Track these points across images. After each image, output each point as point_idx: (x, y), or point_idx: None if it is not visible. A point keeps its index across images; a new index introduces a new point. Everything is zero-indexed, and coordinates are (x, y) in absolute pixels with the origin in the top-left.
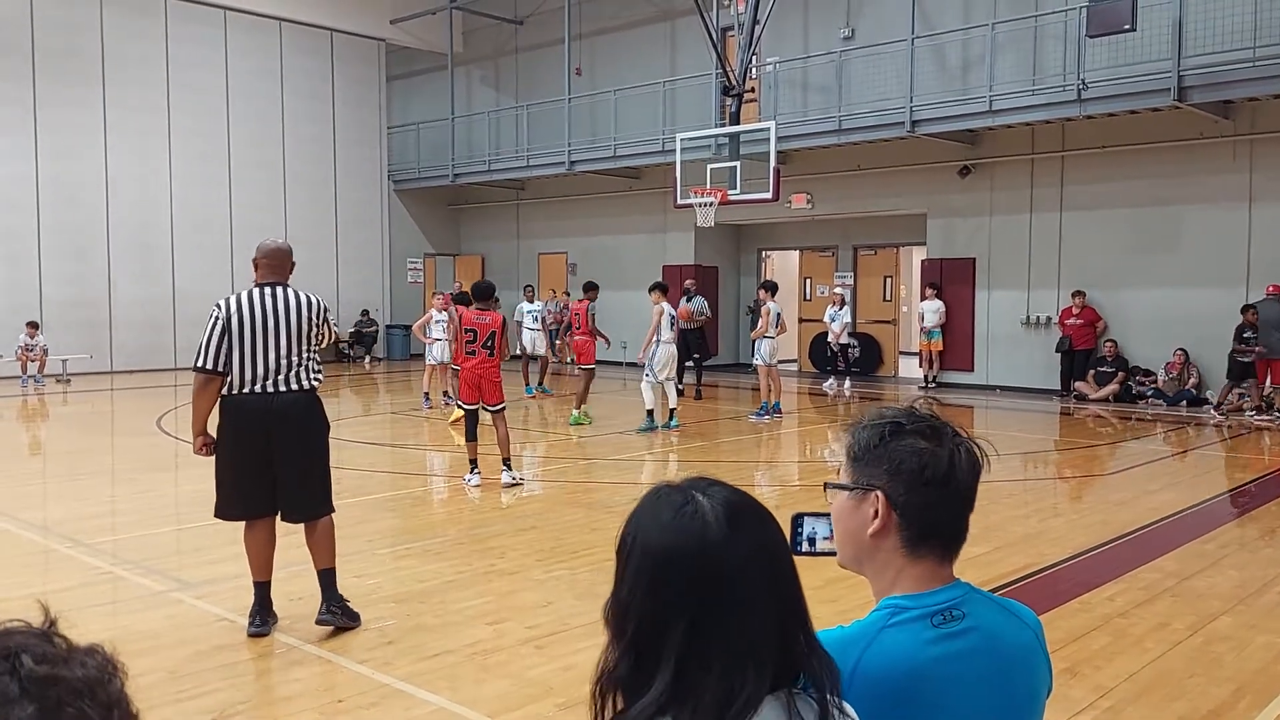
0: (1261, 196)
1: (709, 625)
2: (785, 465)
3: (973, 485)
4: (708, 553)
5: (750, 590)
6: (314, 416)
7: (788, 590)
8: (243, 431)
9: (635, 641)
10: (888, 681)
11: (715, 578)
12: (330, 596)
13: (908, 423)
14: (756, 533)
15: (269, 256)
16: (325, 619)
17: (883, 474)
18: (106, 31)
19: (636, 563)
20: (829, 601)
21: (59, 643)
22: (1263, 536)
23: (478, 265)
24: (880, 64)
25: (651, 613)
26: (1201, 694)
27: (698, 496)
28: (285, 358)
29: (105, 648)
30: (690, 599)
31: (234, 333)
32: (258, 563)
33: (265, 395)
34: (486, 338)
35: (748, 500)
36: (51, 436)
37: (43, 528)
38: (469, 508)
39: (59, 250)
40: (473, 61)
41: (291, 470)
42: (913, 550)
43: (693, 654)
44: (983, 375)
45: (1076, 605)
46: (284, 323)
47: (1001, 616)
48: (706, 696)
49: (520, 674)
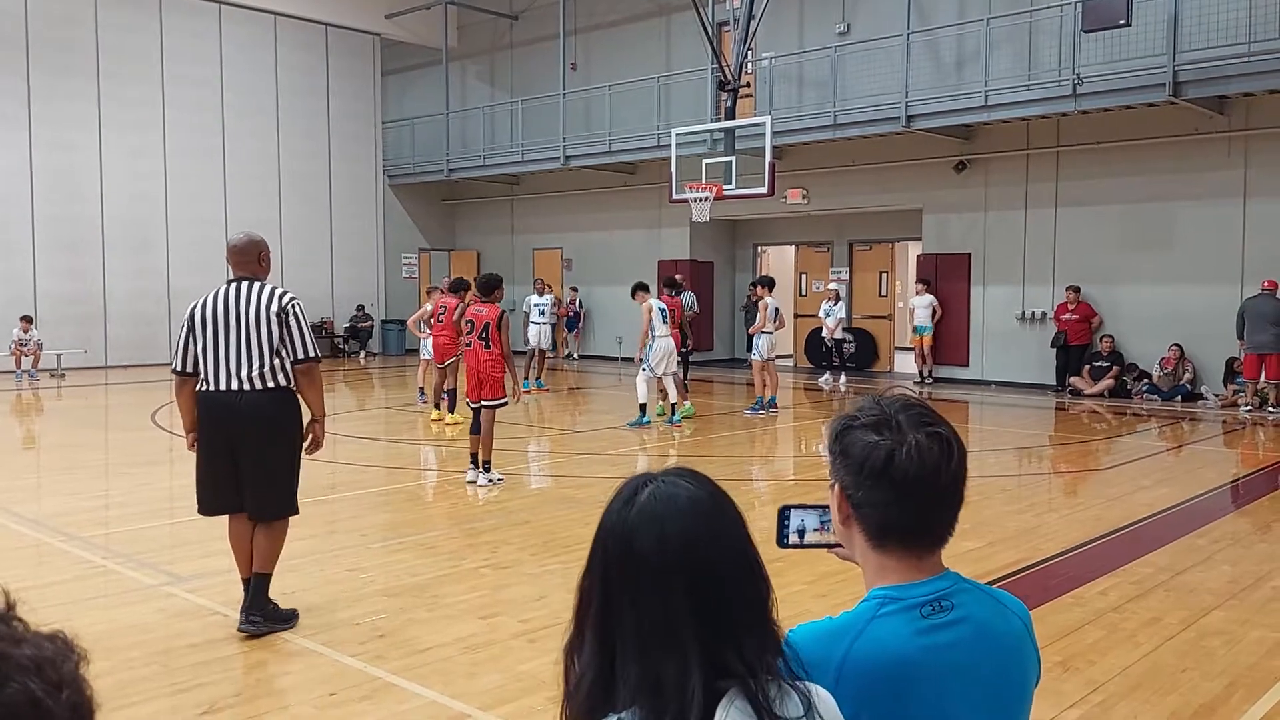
0: (1256, 192)
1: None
2: (780, 460)
3: (932, 477)
4: (623, 533)
5: (659, 576)
6: (281, 416)
7: (741, 578)
8: (209, 429)
9: (576, 610)
10: (877, 672)
11: (626, 558)
12: (254, 603)
13: (863, 415)
14: (681, 521)
15: (233, 252)
16: (245, 628)
17: (840, 467)
18: (101, 25)
19: (597, 545)
20: (820, 596)
21: (16, 626)
22: (1256, 531)
23: (473, 260)
24: (875, 59)
25: (584, 585)
26: (1194, 688)
27: (660, 482)
28: (246, 354)
29: (66, 633)
30: (607, 576)
31: (197, 330)
32: (238, 559)
33: (230, 393)
34: (481, 329)
35: (696, 492)
36: (45, 431)
37: (35, 521)
38: (462, 502)
39: (53, 244)
40: (467, 56)
41: (253, 469)
42: (877, 543)
43: (610, 631)
44: (978, 370)
45: (1069, 600)
46: (243, 319)
47: (990, 607)
48: (632, 678)
49: (512, 667)
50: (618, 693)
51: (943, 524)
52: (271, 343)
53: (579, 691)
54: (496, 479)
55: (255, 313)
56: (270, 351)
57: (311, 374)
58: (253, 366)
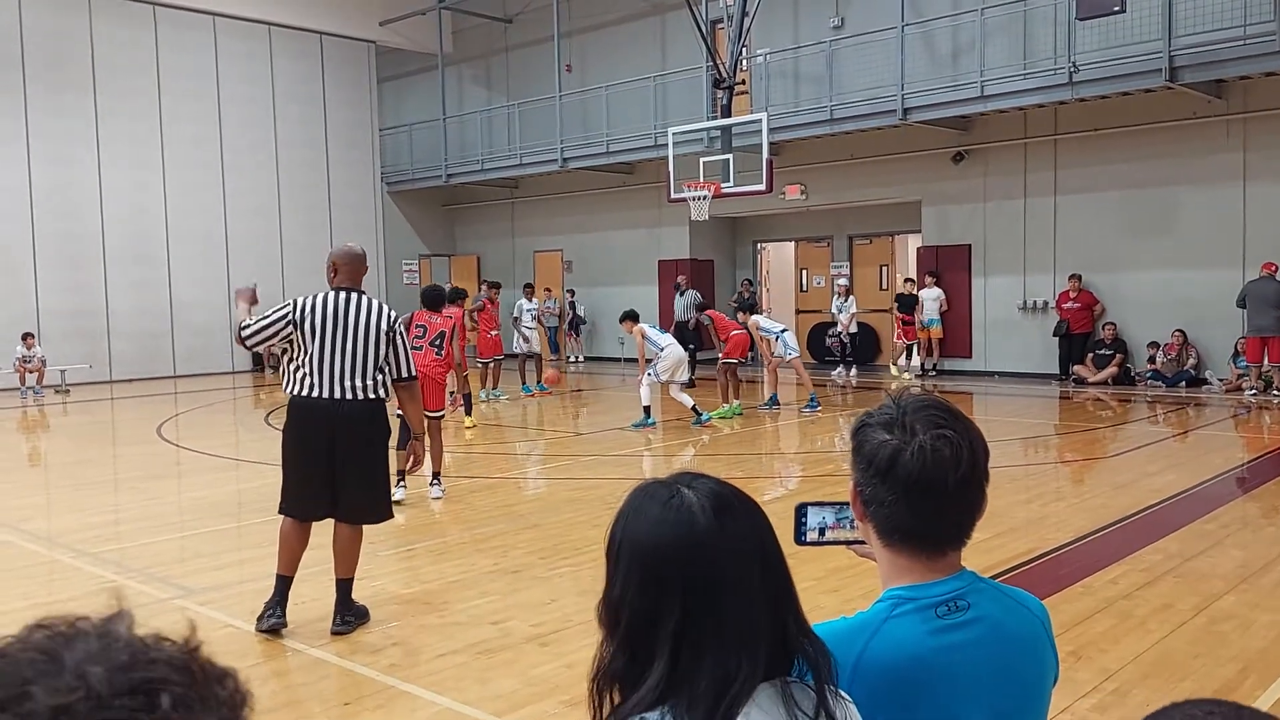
0: (1256, 175)
1: (700, 615)
2: (792, 457)
3: (939, 479)
4: (696, 543)
5: (740, 578)
6: (380, 423)
7: (777, 578)
8: (309, 431)
9: (629, 637)
10: (892, 672)
11: (705, 568)
12: (345, 606)
13: (877, 413)
14: (744, 522)
15: (345, 262)
16: (340, 629)
17: (855, 465)
18: (97, 40)
19: (626, 559)
20: (831, 591)
21: (198, 673)
22: (1265, 515)
23: (473, 265)
24: (870, 52)
25: (643, 608)
26: (1207, 674)
27: (683, 490)
28: (357, 365)
29: (238, 677)
30: (681, 591)
31: (305, 333)
32: (286, 557)
33: (332, 401)
34: (435, 336)
35: (733, 491)
36: (52, 447)
37: (46, 539)
38: (470, 508)
39: (54, 260)
40: (463, 61)
41: (354, 474)
42: (886, 542)
43: (686, 645)
44: (981, 361)
45: (1080, 589)
46: (357, 330)
47: (1007, 606)
48: (701, 685)
49: (525, 672)
50: (668, 697)
51: (951, 527)
52: (379, 358)
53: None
54: (439, 494)
55: (367, 326)
56: (376, 367)
57: (414, 391)
58: (362, 376)
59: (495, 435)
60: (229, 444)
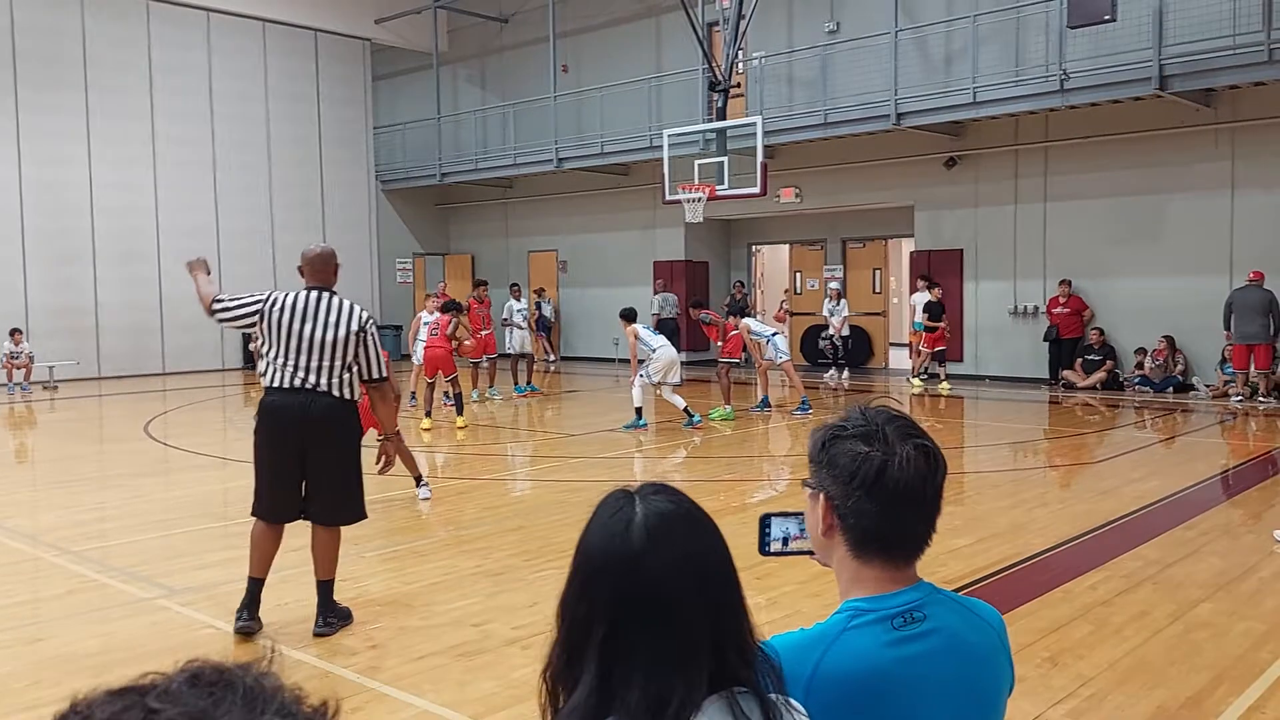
0: (1244, 184)
1: (631, 632)
2: (782, 460)
3: (920, 489)
4: (628, 560)
5: (674, 600)
6: (350, 423)
7: (720, 599)
8: (278, 430)
9: (567, 639)
10: (848, 684)
11: (635, 586)
12: (326, 608)
13: (850, 426)
14: (684, 543)
15: (311, 261)
16: (322, 631)
17: (828, 477)
18: (88, 37)
19: (574, 563)
20: (814, 596)
21: None
22: (1244, 523)
23: (467, 264)
24: (864, 57)
25: (578, 615)
26: (1181, 681)
27: (634, 503)
28: (321, 362)
29: None
30: (612, 603)
31: (269, 326)
32: (258, 558)
33: (302, 392)
34: None
35: (685, 511)
36: (39, 444)
37: (30, 536)
38: (455, 509)
39: (44, 257)
40: (458, 60)
41: (326, 474)
42: (859, 553)
43: (617, 658)
44: (971, 365)
45: (1059, 595)
46: (324, 329)
47: (963, 617)
48: (633, 701)
49: (505, 675)
50: (610, 711)
51: (923, 534)
52: (346, 358)
53: (572, 717)
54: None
55: (335, 325)
56: (344, 366)
57: (385, 392)
58: (327, 375)
59: (486, 435)
60: (216, 442)
